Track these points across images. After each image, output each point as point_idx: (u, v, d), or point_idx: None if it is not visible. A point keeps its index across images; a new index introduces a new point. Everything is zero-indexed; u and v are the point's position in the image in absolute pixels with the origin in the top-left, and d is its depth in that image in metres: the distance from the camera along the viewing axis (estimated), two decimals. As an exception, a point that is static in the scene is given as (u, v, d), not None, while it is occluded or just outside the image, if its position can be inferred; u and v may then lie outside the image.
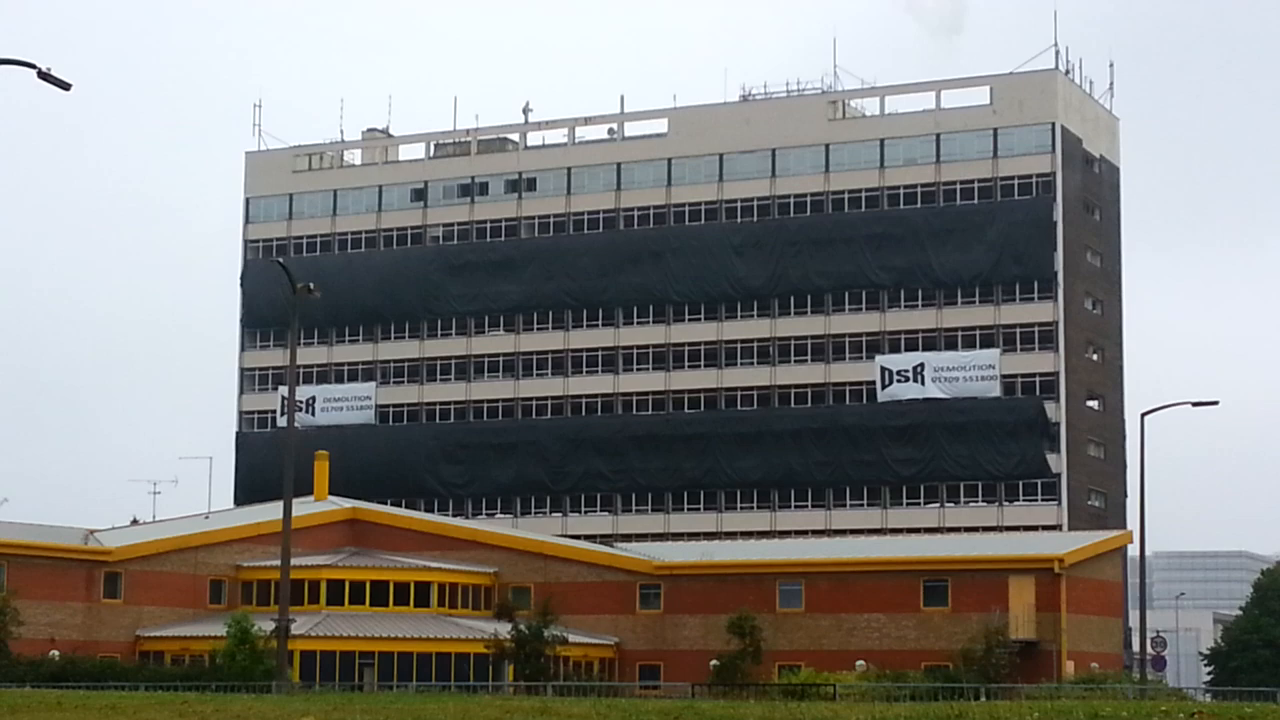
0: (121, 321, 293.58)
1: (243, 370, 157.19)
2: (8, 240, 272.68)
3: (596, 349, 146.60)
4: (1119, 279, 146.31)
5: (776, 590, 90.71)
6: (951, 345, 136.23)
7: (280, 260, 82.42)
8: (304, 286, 64.85)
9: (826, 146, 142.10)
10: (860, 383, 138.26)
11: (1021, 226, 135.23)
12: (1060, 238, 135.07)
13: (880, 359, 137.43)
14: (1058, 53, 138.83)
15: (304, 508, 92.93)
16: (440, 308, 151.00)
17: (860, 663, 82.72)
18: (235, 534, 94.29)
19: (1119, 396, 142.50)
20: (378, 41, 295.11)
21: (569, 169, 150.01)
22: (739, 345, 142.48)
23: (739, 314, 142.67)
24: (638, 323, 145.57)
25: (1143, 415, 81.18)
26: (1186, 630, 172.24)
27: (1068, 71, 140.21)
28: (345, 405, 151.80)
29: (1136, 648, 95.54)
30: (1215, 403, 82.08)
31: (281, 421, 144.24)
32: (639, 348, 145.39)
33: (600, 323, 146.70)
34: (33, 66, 42.25)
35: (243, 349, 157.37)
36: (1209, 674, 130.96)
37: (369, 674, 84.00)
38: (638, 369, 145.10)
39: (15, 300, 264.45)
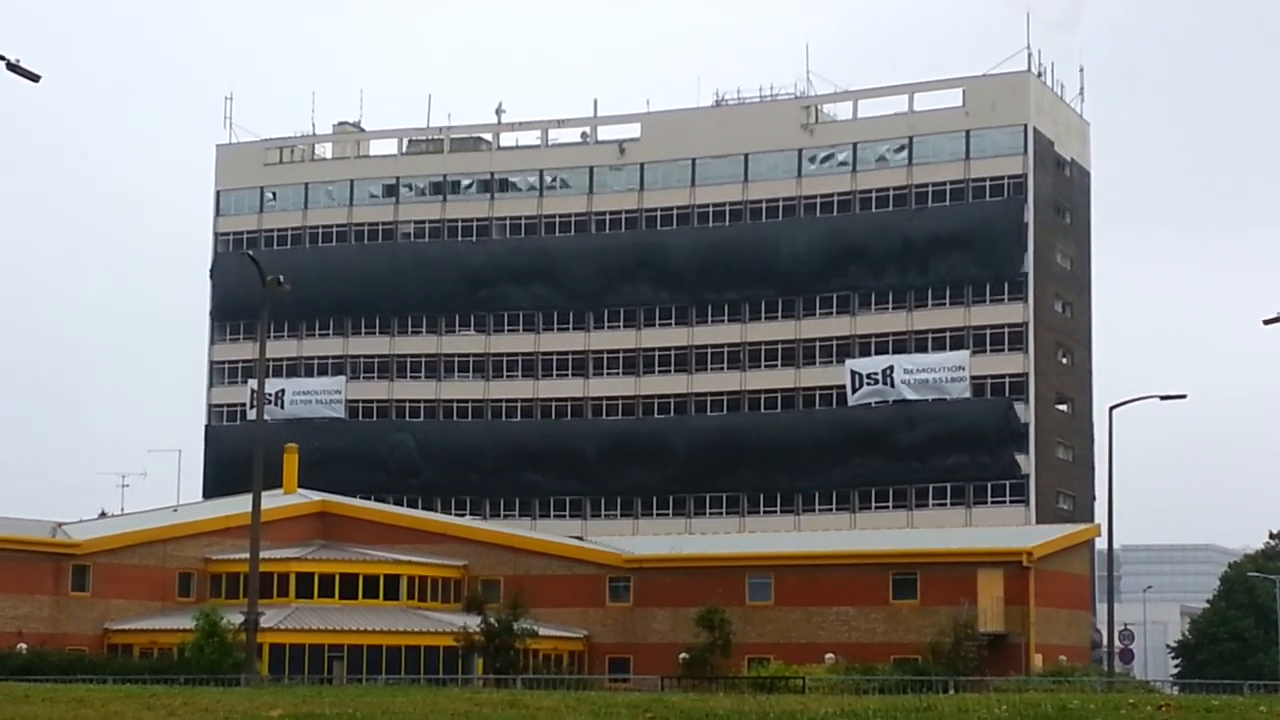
0: (91, 313, 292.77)
1: (212, 363, 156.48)
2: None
3: (567, 352, 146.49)
4: (1089, 282, 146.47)
5: (746, 583, 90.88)
6: (921, 347, 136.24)
7: (250, 254, 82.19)
8: (274, 279, 64.73)
9: (799, 151, 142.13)
10: (830, 387, 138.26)
11: (992, 228, 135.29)
12: (1031, 239, 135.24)
13: (850, 363, 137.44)
14: (1030, 55, 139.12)
15: (273, 501, 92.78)
16: (411, 306, 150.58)
17: (829, 656, 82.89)
18: (204, 527, 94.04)
19: (1088, 400, 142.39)
20: (350, 36, 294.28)
21: (541, 171, 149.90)
22: (709, 350, 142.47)
23: (709, 318, 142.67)
24: (609, 326, 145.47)
25: (1111, 409, 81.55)
26: (1154, 623, 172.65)
27: (1040, 74, 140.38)
28: (315, 399, 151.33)
29: (1105, 639, 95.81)
30: (1183, 396, 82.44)
31: (251, 415, 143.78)
32: (609, 351, 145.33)
33: (571, 326, 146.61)
34: (2, 58, 42.10)
35: (212, 342, 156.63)
36: (1176, 667, 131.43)
37: (338, 667, 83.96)
38: (608, 373, 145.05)
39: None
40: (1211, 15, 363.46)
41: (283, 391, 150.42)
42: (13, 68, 42.17)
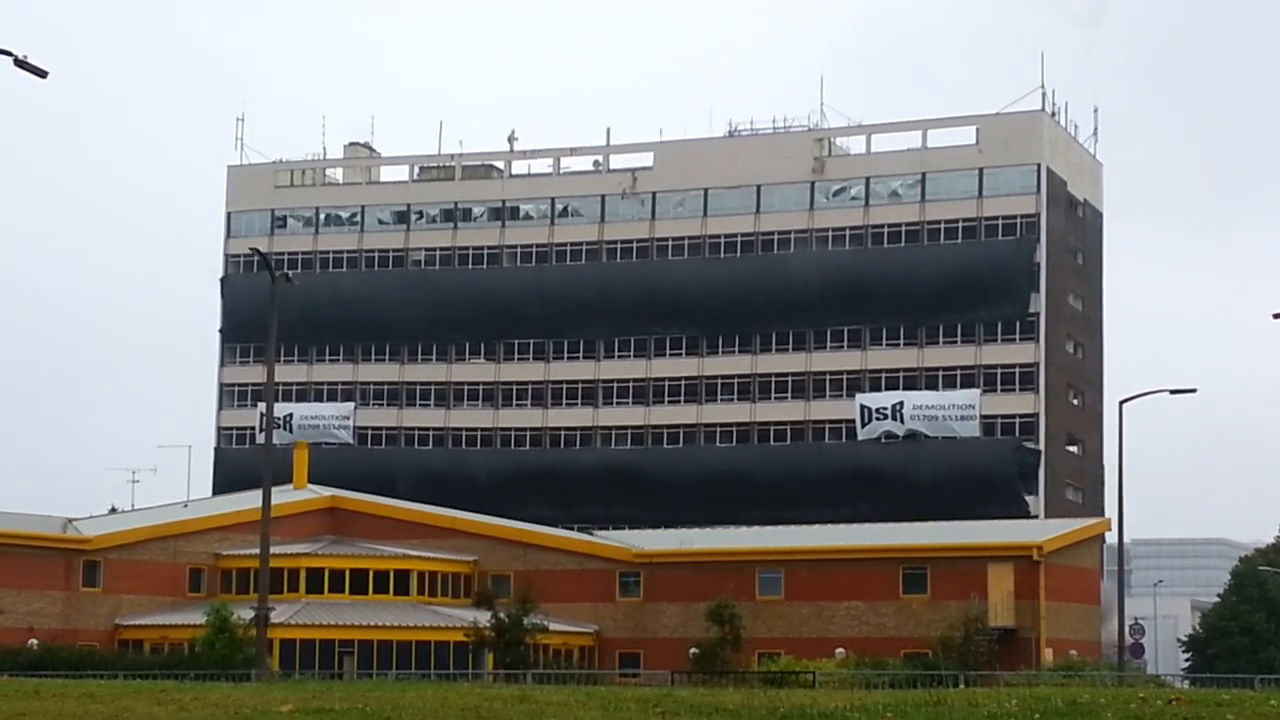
0: (99, 311, 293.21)
1: (222, 385, 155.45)
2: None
3: (576, 381, 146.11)
4: (1100, 324, 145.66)
5: (756, 578, 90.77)
6: (932, 385, 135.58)
7: (258, 249, 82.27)
8: (283, 274, 64.88)
9: (812, 184, 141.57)
10: (840, 421, 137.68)
11: (1004, 267, 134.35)
12: (1043, 280, 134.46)
13: (860, 397, 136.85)
14: (1044, 95, 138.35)
15: (283, 496, 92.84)
16: (420, 333, 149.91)
17: (839, 650, 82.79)
18: (214, 522, 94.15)
19: (1098, 441, 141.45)
20: (362, 61, 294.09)
21: (553, 199, 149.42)
22: (719, 381, 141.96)
23: (720, 349, 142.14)
24: (618, 356, 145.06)
25: (1121, 403, 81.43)
26: (1164, 618, 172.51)
27: (1054, 114, 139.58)
28: (323, 424, 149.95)
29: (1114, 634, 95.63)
30: (1193, 390, 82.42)
31: (260, 439, 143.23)
32: (619, 381, 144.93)
33: (581, 355, 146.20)
34: (9, 54, 42.17)
35: (222, 364, 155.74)
36: (1187, 661, 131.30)
37: (348, 662, 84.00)
38: (617, 403, 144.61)
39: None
40: (1216, 13, 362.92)
41: (291, 415, 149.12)
42: (20, 64, 42.26)
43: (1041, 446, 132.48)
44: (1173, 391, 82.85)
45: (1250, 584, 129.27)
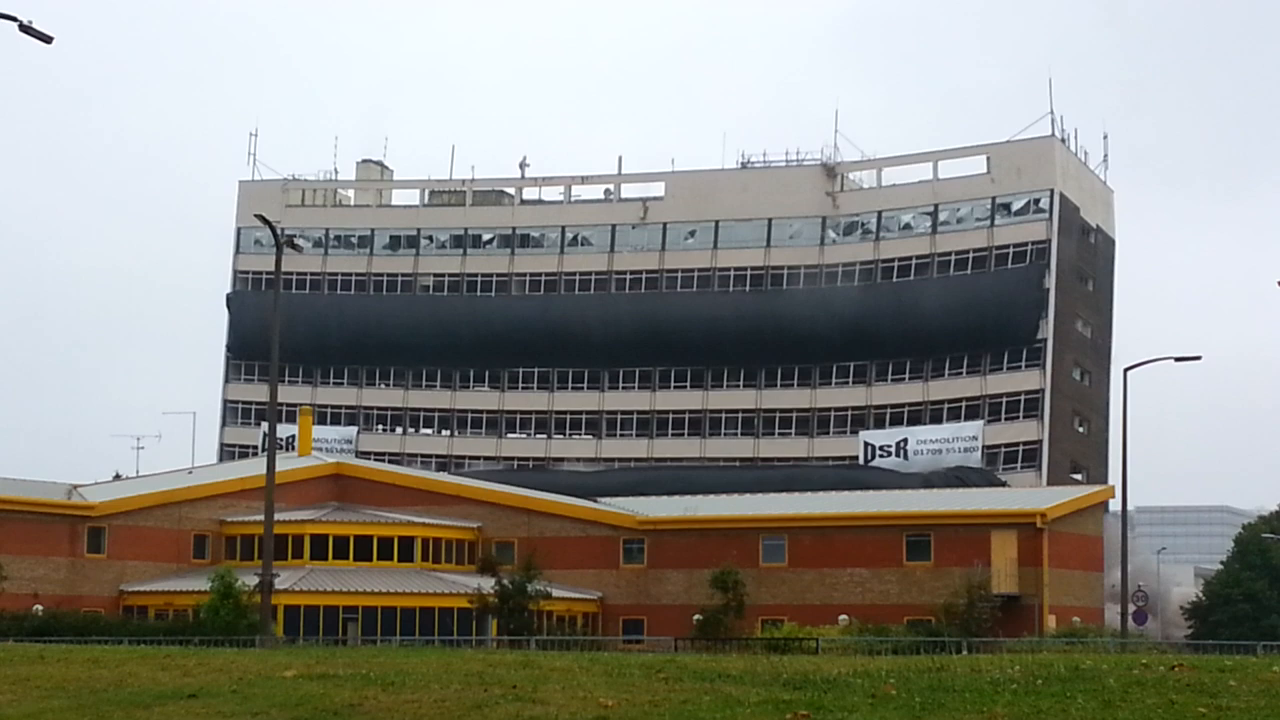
0: (104, 276, 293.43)
1: (226, 402, 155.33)
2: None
3: (580, 412, 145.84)
4: (1109, 352, 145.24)
5: (759, 545, 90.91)
6: (936, 418, 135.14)
7: (263, 215, 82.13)
8: (289, 239, 64.80)
9: (823, 219, 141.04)
10: (843, 458, 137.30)
11: (1013, 293, 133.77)
12: (1052, 306, 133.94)
13: (864, 434, 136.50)
14: (1054, 120, 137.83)
15: (288, 463, 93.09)
16: (426, 359, 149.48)
17: (843, 617, 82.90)
18: (219, 489, 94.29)
19: (1103, 471, 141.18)
20: (377, 83, 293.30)
21: (563, 227, 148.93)
22: (723, 415, 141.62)
23: (725, 383, 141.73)
24: (623, 388, 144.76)
25: (1126, 370, 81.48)
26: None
27: (1064, 139, 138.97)
28: (325, 447, 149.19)
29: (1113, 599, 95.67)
30: (1197, 358, 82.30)
31: (262, 458, 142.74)
32: (623, 413, 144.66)
33: (585, 386, 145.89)
34: (13, 19, 42.05)
35: (226, 380, 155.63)
36: (1190, 628, 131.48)
37: (352, 628, 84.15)
38: (621, 434, 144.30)
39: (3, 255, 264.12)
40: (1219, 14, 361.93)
41: (293, 437, 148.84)
42: (25, 29, 42.12)
43: (1044, 474, 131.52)
44: (1177, 359, 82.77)
45: (1253, 551, 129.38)
